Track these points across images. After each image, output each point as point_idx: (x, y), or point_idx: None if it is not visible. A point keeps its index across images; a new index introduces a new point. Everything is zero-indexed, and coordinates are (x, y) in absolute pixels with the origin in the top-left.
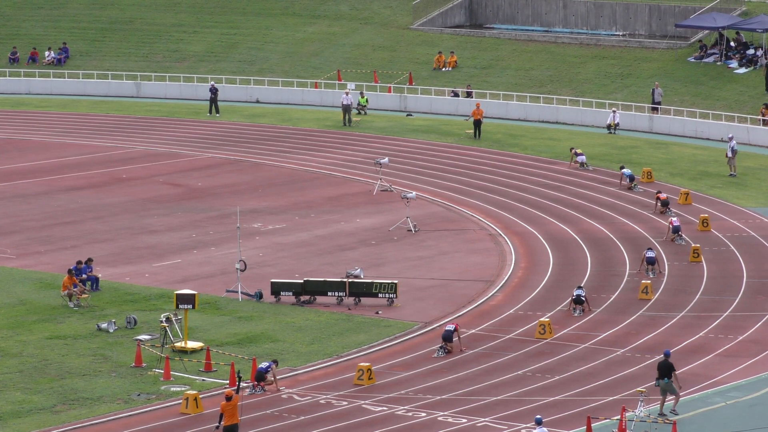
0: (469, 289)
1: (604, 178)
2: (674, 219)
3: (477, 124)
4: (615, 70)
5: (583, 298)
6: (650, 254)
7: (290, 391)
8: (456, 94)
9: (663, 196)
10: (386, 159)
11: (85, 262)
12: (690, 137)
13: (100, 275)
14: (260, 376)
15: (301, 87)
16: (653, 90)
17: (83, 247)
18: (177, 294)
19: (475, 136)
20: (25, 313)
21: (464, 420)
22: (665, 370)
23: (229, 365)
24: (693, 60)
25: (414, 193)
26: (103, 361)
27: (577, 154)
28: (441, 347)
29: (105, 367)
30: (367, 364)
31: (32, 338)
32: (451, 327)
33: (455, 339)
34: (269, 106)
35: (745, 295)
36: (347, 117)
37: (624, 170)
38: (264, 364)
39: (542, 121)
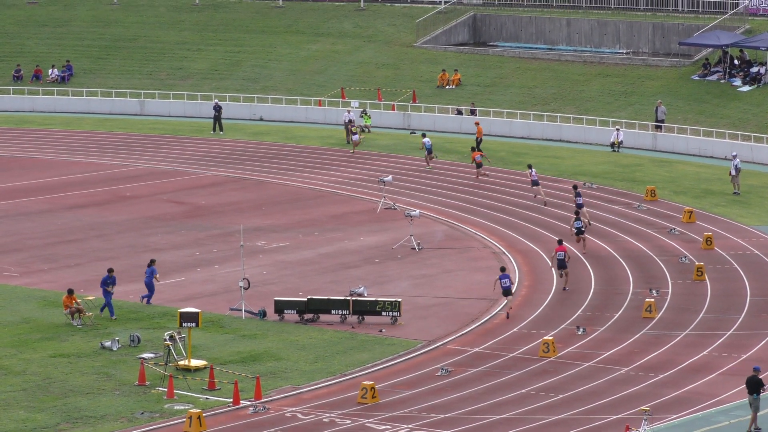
0: (473, 307)
1: (607, 196)
2: (533, 171)
3: (477, 142)
4: (618, 88)
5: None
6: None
7: (294, 409)
8: (460, 112)
9: (534, 175)
10: (390, 177)
11: (109, 272)
12: (693, 155)
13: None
14: None
15: (304, 105)
16: (656, 108)
17: (87, 265)
18: (181, 312)
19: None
20: (29, 331)
21: None
22: (754, 385)
23: (232, 384)
24: (696, 78)
25: (418, 211)
26: (106, 380)
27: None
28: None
29: (109, 385)
30: (371, 382)
31: (36, 356)
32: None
33: None
34: (273, 124)
35: (748, 313)
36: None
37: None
38: None
39: (546, 139)
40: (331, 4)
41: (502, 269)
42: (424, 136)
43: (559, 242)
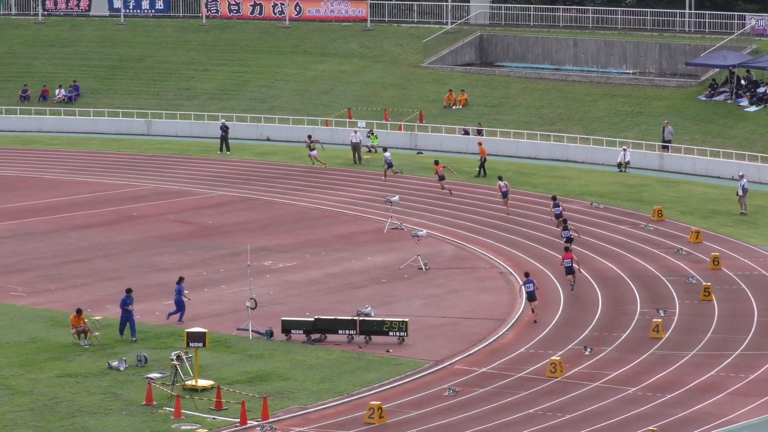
0: (480, 327)
1: (614, 216)
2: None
3: (482, 162)
4: (625, 108)
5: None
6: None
7: (301, 429)
8: (467, 132)
9: (503, 187)
10: (397, 197)
11: (127, 292)
12: (700, 175)
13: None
14: None
15: (311, 125)
16: (663, 128)
17: (93, 285)
18: (187, 332)
19: (479, 174)
20: (36, 351)
21: None
22: None
23: (239, 403)
24: (703, 98)
25: (425, 231)
26: (113, 399)
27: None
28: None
29: (116, 405)
30: (378, 402)
31: (43, 376)
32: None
33: None
34: (280, 144)
35: (756, 333)
36: (357, 155)
37: (501, 181)
38: None
39: (553, 159)
40: (337, 24)
41: (527, 274)
42: (385, 150)
43: (566, 249)
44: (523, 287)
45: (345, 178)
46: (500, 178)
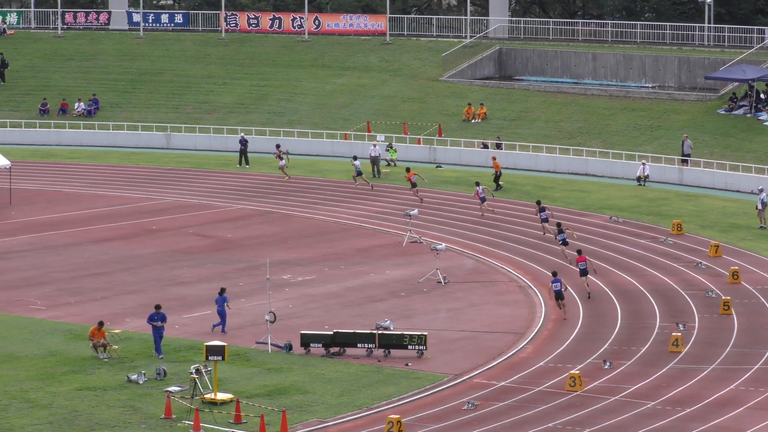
0: (499, 341)
1: (633, 230)
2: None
3: (497, 176)
4: (644, 122)
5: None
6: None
7: None
8: (486, 146)
9: (481, 193)
10: (416, 211)
11: (156, 308)
12: (720, 189)
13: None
14: None
15: (330, 138)
16: (683, 142)
17: (113, 299)
18: (207, 345)
19: (497, 188)
20: (55, 364)
21: None
22: None
23: (258, 417)
24: (723, 112)
25: (444, 244)
26: (132, 413)
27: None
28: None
29: (135, 418)
30: (397, 416)
31: (62, 389)
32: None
33: None
34: (298, 157)
35: None
36: (376, 168)
37: (478, 187)
38: None
39: (572, 173)
40: (356, 38)
41: (554, 273)
42: (355, 159)
43: (579, 252)
44: (551, 286)
45: (363, 192)
46: (477, 184)
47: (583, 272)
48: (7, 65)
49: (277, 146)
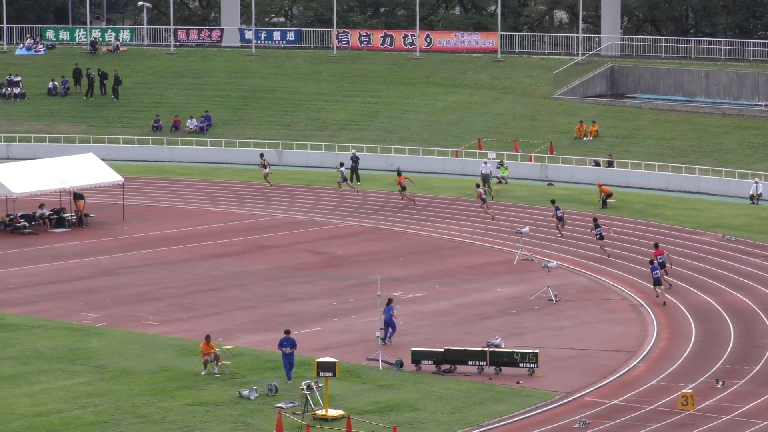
0: (611, 359)
1: (746, 249)
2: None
3: (606, 197)
4: (758, 141)
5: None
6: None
7: None
8: (597, 164)
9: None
10: (527, 228)
11: (286, 333)
12: None
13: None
14: None
15: (441, 156)
16: None
17: (225, 315)
18: (318, 362)
19: (604, 206)
20: (167, 379)
21: None
22: None
23: None
24: None
25: (555, 262)
26: (244, 428)
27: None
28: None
29: None
30: None
31: (174, 405)
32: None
33: None
34: (409, 174)
35: None
36: (487, 186)
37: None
38: None
39: (684, 191)
40: (468, 55)
41: (651, 262)
42: (341, 165)
43: (656, 246)
44: (651, 272)
45: (474, 209)
46: (478, 186)
47: (661, 265)
48: (121, 82)
49: (261, 155)
